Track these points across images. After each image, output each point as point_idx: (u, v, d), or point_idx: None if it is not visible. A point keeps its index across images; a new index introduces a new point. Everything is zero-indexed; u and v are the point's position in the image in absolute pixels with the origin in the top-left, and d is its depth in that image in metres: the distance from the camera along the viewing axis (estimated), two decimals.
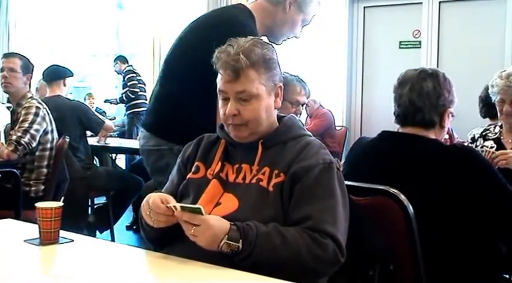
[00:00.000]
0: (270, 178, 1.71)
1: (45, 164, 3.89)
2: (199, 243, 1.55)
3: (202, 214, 1.55)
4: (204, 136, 1.94)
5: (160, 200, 1.63)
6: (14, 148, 3.69)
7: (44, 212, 1.74)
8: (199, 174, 1.83)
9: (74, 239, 1.78)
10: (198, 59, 2.20)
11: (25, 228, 1.88)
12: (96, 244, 1.79)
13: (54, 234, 1.75)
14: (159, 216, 1.62)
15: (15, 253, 1.69)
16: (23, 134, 3.71)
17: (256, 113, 1.75)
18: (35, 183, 3.86)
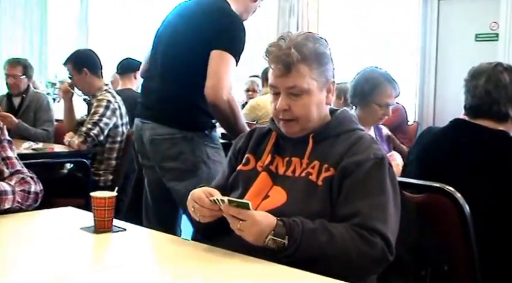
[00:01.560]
0: (320, 172, 1.69)
1: (115, 156, 4.01)
2: (246, 237, 1.55)
3: (249, 209, 1.54)
4: (256, 128, 1.94)
5: (205, 194, 1.63)
6: (83, 139, 3.81)
7: (98, 201, 1.79)
8: (249, 166, 1.83)
9: (126, 228, 1.82)
10: (198, 53, 2.53)
11: (83, 216, 1.94)
12: (147, 234, 1.83)
13: (107, 222, 1.80)
14: (203, 210, 1.62)
15: (71, 240, 1.75)
16: (92, 126, 3.83)
17: (306, 108, 1.73)
18: (104, 173, 3.98)
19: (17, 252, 1.61)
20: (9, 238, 1.76)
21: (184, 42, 2.63)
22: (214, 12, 2.62)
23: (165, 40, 2.72)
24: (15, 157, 2.14)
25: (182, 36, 2.64)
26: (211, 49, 2.51)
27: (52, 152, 3.88)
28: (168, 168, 2.64)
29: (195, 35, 2.59)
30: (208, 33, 2.55)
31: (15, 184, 1.99)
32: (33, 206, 2.07)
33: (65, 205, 2.15)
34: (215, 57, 2.50)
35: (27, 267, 1.48)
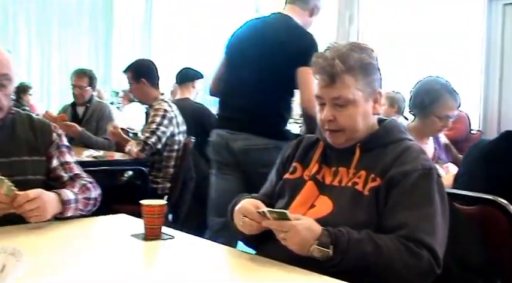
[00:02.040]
0: (366, 182, 1.67)
1: (172, 164, 4.07)
2: (290, 247, 1.55)
3: (288, 218, 1.55)
4: (304, 137, 1.94)
5: (253, 207, 1.65)
6: (141, 148, 3.90)
7: (148, 209, 1.83)
8: (296, 174, 1.84)
9: (174, 236, 1.85)
10: (285, 71, 2.91)
11: (135, 223, 1.98)
12: (194, 242, 1.85)
13: (157, 230, 1.83)
14: (253, 224, 1.64)
15: (121, 247, 1.80)
16: (150, 135, 3.91)
17: (352, 119, 1.72)
18: (162, 181, 4.06)
19: (68, 257, 1.66)
20: (62, 244, 1.82)
21: (271, 63, 2.95)
22: (296, 33, 2.99)
23: (250, 60, 3.00)
24: (73, 162, 2.22)
25: (269, 57, 2.96)
26: (298, 66, 2.86)
27: (112, 160, 3.99)
28: (263, 174, 2.76)
29: (282, 54, 2.93)
30: (294, 52, 2.89)
31: (78, 191, 2.06)
32: (92, 210, 2.14)
33: (123, 211, 2.21)
34: (304, 73, 2.83)
35: (76, 272, 1.52)
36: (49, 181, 2.13)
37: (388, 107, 5.16)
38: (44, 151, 2.16)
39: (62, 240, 1.85)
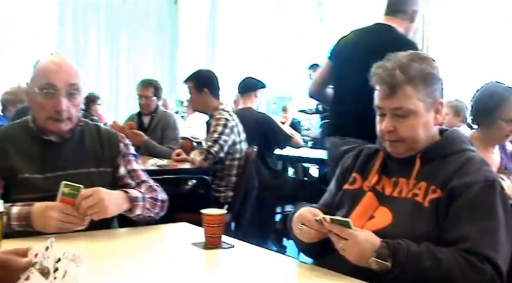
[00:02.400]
0: (426, 193, 1.65)
1: (234, 173, 4.11)
2: (348, 257, 1.55)
3: (351, 228, 1.54)
4: (363, 148, 1.93)
5: (310, 215, 1.65)
6: (204, 157, 3.95)
7: (208, 218, 1.86)
8: (355, 185, 1.83)
9: (234, 245, 1.88)
10: None
11: (196, 232, 2.01)
12: (254, 251, 1.86)
13: (217, 239, 1.86)
14: (310, 232, 1.64)
15: (181, 255, 1.83)
16: (212, 144, 3.96)
17: (413, 129, 1.70)
18: (224, 189, 4.10)
19: (129, 264, 1.70)
20: (123, 251, 1.87)
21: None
22: (399, 43, 3.02)
23: (358, 69, 3.08)
24: (140, 170, 2.28)
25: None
26: None
27: (176, 169, 4.06)
28: None
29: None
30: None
31: (144, 191, 2.12)
32: (161, 215, 2.19)
33: (186, 220, 2.24)
34: None
35: (136, 279, 1.56)
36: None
37: (453, 116, 5.04)
38: (111, 163, 2.22)
39: (123, 247, 1.90)
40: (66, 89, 2.07)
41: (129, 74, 9.45)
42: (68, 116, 2.09)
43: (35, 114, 2.14)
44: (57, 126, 2.09)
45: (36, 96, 2.08)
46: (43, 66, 2.11)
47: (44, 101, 2.07)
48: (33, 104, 2.13)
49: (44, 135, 2.13)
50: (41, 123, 2.11)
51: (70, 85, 2.08)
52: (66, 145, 2.16)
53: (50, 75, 2.07)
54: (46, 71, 2.09)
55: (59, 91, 2.06)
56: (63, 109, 2.06)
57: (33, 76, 2.12)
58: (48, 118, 2.08)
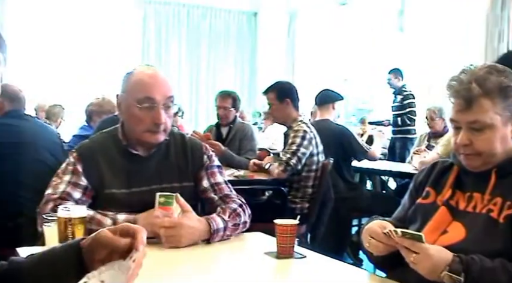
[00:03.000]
0: (502, 209, 1.62)
1: (311, 184, 4.13)
2: (419, 271, 1.54)
3: (422, 242, 1.53)
4: (438, 162, 1.91)
5: (379, 228, 1.65)
6: (283, 168, 3.99)
7: (281, 228, 1.89)
8: (429, 199, 1.81)
9: (306, 255, 1.90)
10: None
11: (269, 242, 2.05)
12: (325, 262, 1.88)
13: (289, 248, 1.89)
14: (379, 245, 1.64)
15: (254, 264, 1.88)
16: (291, 156, 3.99)
17: (489, 143, 1.67)
18: (300, 200, 4.12)
19: (202, 271, 1.77)
20: (196, 258, 1.92)
21: None
22: None
23: None
24: (224, 182, 2.29)
25: None
26: None
27: (252, 179, 4.12)
28: None
29: None
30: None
31: (228, 217, 2.11)
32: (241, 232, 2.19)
33: (262, 229, 2.26)
34: None
35: None
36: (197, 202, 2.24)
37: None
38: (193, 176, 2.24)
39: (198, 254, 1.95)
40: (164, 101, 2.10)
41: (208, 86, 9.67)
42: (164, 128, 2.13)
43: (130, 126, 2.16)
44: (155, 138, 2.13)
45: (134, 109, 2.11)
46: (139, 80, 2.14)
47: (143, 114, 2.09)
48: (130, 117, 2.15)
49: (133, 148, 2.17)
50: (137, 135, 2.14)
51: (168, 98, 2.12)
52: (152, 160, 2.20)
53: (149, 89, 2.10)
54: (144, 84, 2.12)
55: (157, 104, 2.09)
56: (163, 122, 2.10)
57: (128, 89, 2.16)
58: (147, 131, 2.12)
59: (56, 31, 8.96)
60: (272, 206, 4.17)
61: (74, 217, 1.74)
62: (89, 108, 5.11)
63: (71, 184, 2.11)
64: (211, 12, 9.92)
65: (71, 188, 2.10)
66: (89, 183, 2.13)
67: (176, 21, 9.68)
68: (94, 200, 2.14)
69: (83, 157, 2.17)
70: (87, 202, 2.10)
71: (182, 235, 1.95)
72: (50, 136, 3.60)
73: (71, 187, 2.11)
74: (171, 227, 1.94)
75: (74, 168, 2.15)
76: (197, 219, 2.02)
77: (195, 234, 1.99)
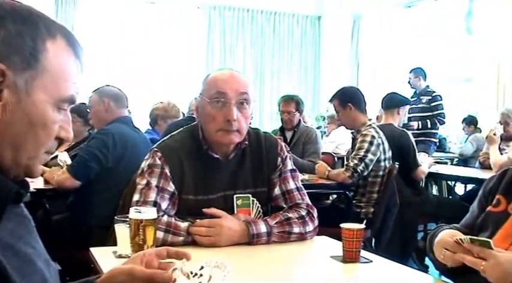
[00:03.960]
0: None
1: (376, 189, 4.10)
2: (489, 278, 1.52)
3: (491, 249, 1.52)
4: (508, 169, 1.87)
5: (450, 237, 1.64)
6: (350, 174, 3.98)
7: (347, 232, 1.90)
8: (500, 207, 1.78)
9: (372, 260, 1.90)
10: None
11: (335, 246, 2.06)
12: (391, 267, 1.87)
13: (355, 253, 1.89)
14: (453, 255, 1.62)
15: (320, 268, 1.89)
16: (359, 162, 3.97)
17: None
18: (365, 205, 4.10)
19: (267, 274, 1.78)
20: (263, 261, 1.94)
21: None
22: None
23: None
24: (296, 188, 2.23)
25: None
26: None
27: (317, 183, 4.13)
28: None
29: None
30: None
31: (275, 224, 2.07)
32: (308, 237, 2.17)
33: (327, 233, 2.27)
34: None
35: None
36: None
37: None
38: (267, 181, 2.20)
39: (264, 257, 1.97)
40: (236, 98, 2.05)
41: (272, 90, 9.72)
42: (237, 128, 2.06)
43: (205, 127, 2.12)
44: (228, 138, 2.07)
45: (207, 107, 2.08)
46: (213, 77, 2.12)
47: (215, 111, 2.05)
48: (204, 116, 2.11)
49: (213, 152, 2.12)
50: (211, 136, 2.09)
51: (240, 94, 2.06)
52: (229, 165, 2.15)
53: (220, 84, 2.06)
54: (216, 80, 2.09)
55: (229, 100, 2.04)
56: (234, 118, 2.03)
57: (203, 89, 2.13)
58: (219, 129, 2.06)
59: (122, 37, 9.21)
60: (336, 210, 4.17)
61: (146, 218, 1.79)
62: (154, 112, 5.22)
63: (160, 192, 2.06)
64: (275, 17, 9.97)
65: (160, 198, 2.05)
66: (175, 188, 2.09)
67: (240, 26, 9.78)
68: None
69: (169, 159, 2.10)
70: (172, 211, 2.07)
71: (222, 234, 1.97)
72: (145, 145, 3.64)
73: (161, 196, 2.05)
74: (212, 227, 1.97)
75: (161, 171, 2.08)
76: (236, 221, 2.02)
77: (234, 235, 2.00)
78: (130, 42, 9.29)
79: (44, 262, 1.05)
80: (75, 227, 3.41)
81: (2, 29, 0.94)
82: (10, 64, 0.94)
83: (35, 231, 1.08)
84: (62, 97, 1.01)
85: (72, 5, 8.72)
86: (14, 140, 0.97)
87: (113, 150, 3.40)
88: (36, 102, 0.97)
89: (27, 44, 0.96)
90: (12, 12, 0.97)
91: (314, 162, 4.74)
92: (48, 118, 1.00)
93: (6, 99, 0.94)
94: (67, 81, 1.02)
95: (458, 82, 9.46)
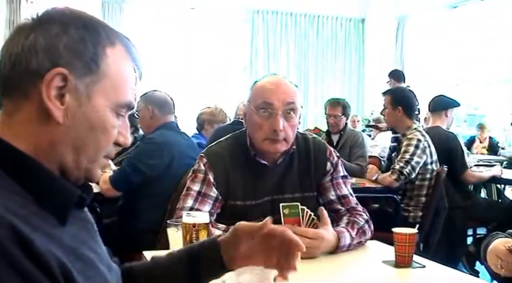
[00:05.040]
0: None
1: (424, 193, 4.05)
2: None
3: None
4: None
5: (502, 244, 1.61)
6: (396, 177, 3.95)
7: (399, 237, 1.88)
8: None
9: (425, 265, 1.88)
10: None
11: (386, 250, 2.04)
12: (445, 272, 1.85)
13: (408, 258, 1.88)
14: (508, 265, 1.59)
15: (372, 272, 1.88)
16: (404, 165, 3.93)
17: None
18: (413, 209, 4.05)
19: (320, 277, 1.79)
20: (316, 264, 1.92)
21: None
22: None
23: None
24: (349, 194, 2.23)
25: None
26: None
27: (364, 187, 4.10)
28: None
29: None
30: None
31: (356, 235, 2.07)
32: None
33: (374, 237, 2.25)
34: None
35: None
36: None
37: None
38: (316, 186, 2.19)
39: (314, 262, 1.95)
40: (283, 108, 2.04)
41: (316, 94, 9.69)
42: (284, 137, 2.06)
43: (252, 135, 2.12)
44: (274, 147, 2.07)
45: (253, 116, 2.08)
46: (261, 86, 2.11)
47: (261, 121, 2.05)
48: (251, 124, 2.12)
49: (261, 158, 2.13)
50: (258, 144, 2.10)
51: (287, 104, 2.04)
52: (277, 170, 2.15)
53: (267, 94, 2.05)
54: (263, 90, 2.08)
55: (276, 110, 2.03)
56: (280, 129, 2.03)
57: (251, 96, 2.13)
58: (266, 139, 2.06)
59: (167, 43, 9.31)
60: (383, 214, 4.13)
61: (199, 222, 1.81)
62: (201, 116, 5.25)
63: (201, 197, 2.09)
64: (319, 20, 9.94)
65: (199, 204, 2.07)
66: (219, 194, 2.10)
67: (284, 29, 9.78)
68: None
69: (214, 165, 2.12)
70: (215, 214, 2.08)
71: (320, 248, 1.93)
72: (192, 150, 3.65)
73: (200, 201, 2.08)
74: (314, 238, 1.90)
75: (204, 177, 2.11)
76: (332, 233, 1.98)
77: (327, 247, 1.98)
78: (175, 47, 9.40)
79: (106, 266, 1.07)
80: (124, 231, 3.45)
81: (65, 35, 0.97)
82: (72, 69, 0.96)
83: (98, 236, 1.11)
84: (120, 102, 1.04)
85: (118, 12, 8.88)
86: (75, 143, 0.99)
87: (159, 159, 3.39)
88: (96, 106, 1.00)
89: (89, 50, 0.99)
90: (75, 19, 1.00)
91: (361, 165, 4.70)
92: (108, 122, 1.02)
93: (68, 103, 0.97)
94: (125, 87, 1.04)
95: (504, 83, 9.28)
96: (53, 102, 0.95)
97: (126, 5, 8.93)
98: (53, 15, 0.99)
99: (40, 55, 0.95)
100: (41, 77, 0.94)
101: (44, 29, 0.96)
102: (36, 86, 0.95)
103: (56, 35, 0.96)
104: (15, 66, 0.95)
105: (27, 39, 0.96)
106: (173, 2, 9.10)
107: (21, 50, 0.95)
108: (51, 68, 0.95)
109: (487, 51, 9.51)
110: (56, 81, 0.95)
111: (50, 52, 0.95)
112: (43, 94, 0.94)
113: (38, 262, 0.83)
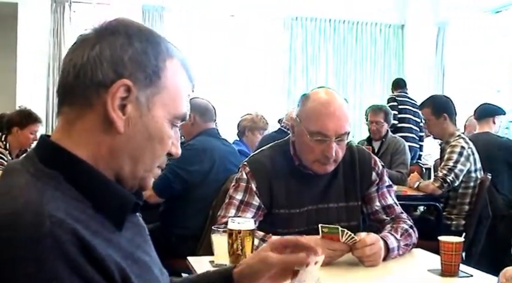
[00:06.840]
0: None
1: (467, 201, 4.00)
2: None
3: None
4: None
5: None
6: (439, 185, 3.91)
7: (446, 246, 1.87)
8: None
9: (473, 274, 1.86)
10: None
11: (431, 259, 2.03)
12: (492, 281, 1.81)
13: (454, 267, 1.86)
14: None
15: (418, 281, 1.86)
16: (448, 172, 3.89)
17: None
18: (456, 217, 4.00)
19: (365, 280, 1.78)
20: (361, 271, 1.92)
21: None
22: None
23: None
24: (394, 203, 2.23)
25: None
26: None
27: (406, 195, 4.06)
28: None
29: None
30: None
31: (401, 237, 2.07)
32: None
33: (417, 246, 2.23)
34: None
35: None
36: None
37: None
38: (361, 196, 2.20)
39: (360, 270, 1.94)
40: (337, 136, 2.06)
41: (356, 100, 9.62)
42: (334, 159, 2.09)
43: (300, 153, 2.14)
44: (324, 169, 2.10)
45: (305, 138, 2.08)
46: (314, 109, 2.09)
47: (314, 144, 2.06)
48: (301, 143, 2.13)
49: (304, 168, 2.14)
50: (307, 163, 2.11)
51: (342, 134, 2.06)
52: (322, 179, 2.16)
53: (322, 124, 2.05)
54: (318, 116, 2.07)
55: (330, 138, 2.05)
56: (333, 155, 2.06)
57: (303, 116, 2.12)
58: (316, 161, 2.09)
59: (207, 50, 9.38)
60: (425, 222, 4.09)
61: (244, 229, 1.82)
62: (242, 123, 5.27)
63: (243, 205, 2.11)
64: (357, 26, 9.89)
65: (241, 212, 2.09)
66: (262, 202, 2.12)
67: (322, 36, 9.75)
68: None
69: (256, 174, 2.14)
70: (257, 222, 2.08)
71: (381, 257, 1.93)
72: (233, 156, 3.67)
73: (243, 210, 2.10)
74: (372, 243, 1.89)
75: (246, 186, 2.14)
76: (377, 237, 1.95)
77: (381, 253, 1.96)
78: (214, 54, 9.47)
79: (159, 270, 1.09)
80: (166, 236, 3.49)
81: (130, 47, 1.00)
82: (135, 80, 0.99)
83: (150, 240, 1.13)
84: (177, 114, 1.06)
85: (158, 20, 8.98)
86: (134, 152, 1.02)
87: (200, 165, 3.40)
88: (155, 117, 1.02)
89: (151, 62, 1.01)
90: (139, 32, 1.03)
91: (402, 173, 4.66)
92: (165, 133, 1.04)
93: (130, 113, 0.99)
94: (182, 99, 1.07)
95: None
96: (116, 113, 0.97)
97: (166, 13, 9.02)
98: (116, 26, 1.02)
99: (105, 66, 0.97)
100: (105, 87, 0.97)
101: (109, 41, 0.99)
102: (100, 96, 0.97)
103: (121, 46, 0.99)
104: (80, 76, 0.98)
105: (92, 50, 0.98)
106: (213, 9, 9.16)
107: (87, 61, 0.97)
108: (116, 79, 0.97)
109: None
110: (120, 92, 0.97)
111: (115, 63, 0.98)
112: (108, 104, 0.97)
113: (100, 268, 0.85)
